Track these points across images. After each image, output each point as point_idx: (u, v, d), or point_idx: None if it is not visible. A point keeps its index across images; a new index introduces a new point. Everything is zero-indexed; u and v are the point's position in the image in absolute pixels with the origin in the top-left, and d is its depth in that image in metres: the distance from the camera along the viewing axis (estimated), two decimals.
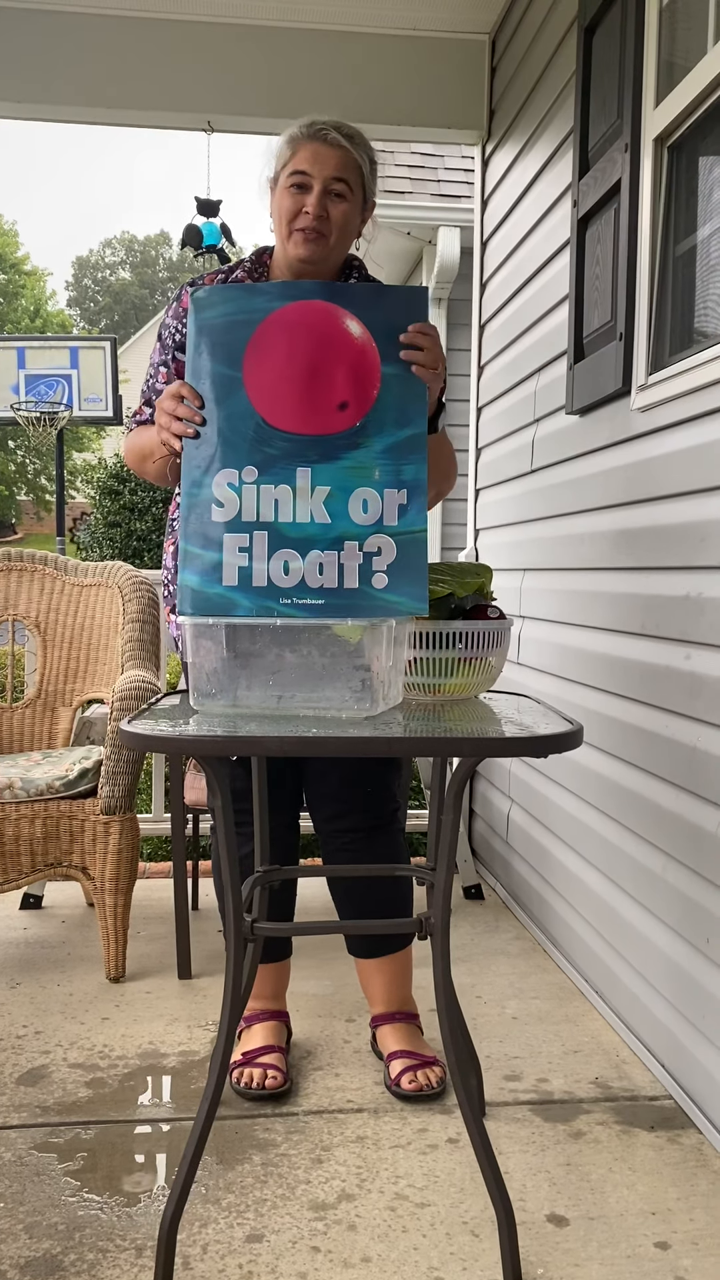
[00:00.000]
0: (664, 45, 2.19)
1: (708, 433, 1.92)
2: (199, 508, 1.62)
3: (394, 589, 1.59)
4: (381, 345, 1.65)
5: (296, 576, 1.59)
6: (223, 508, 1.62)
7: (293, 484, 1.61)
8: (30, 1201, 1.68)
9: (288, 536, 1.60)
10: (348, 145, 1.86)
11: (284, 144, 1.90)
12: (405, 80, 3.38)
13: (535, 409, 2.98)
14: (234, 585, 1.59)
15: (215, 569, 1.60)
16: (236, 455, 1.63)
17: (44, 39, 3.25)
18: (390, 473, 1.62)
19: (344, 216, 1.88)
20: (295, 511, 1.61)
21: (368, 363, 1.64)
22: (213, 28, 3.30)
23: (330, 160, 1.85)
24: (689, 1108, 1.95)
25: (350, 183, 1.87)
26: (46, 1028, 2.30)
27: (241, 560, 1.59)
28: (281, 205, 1.89)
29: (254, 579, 1.59)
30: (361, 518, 1.61)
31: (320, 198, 1.86)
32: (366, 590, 1.58)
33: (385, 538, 1.62)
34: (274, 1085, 1.98)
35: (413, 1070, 2.01)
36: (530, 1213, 1.66)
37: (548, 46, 2.89)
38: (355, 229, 1.95)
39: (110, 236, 66.44)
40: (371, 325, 1.66)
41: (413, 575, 1.60)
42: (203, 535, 1.61)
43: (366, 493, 1.62)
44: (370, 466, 1.62)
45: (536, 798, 2.93)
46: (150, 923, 2.97)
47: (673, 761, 2.04)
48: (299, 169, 1.86)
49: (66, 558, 3.14)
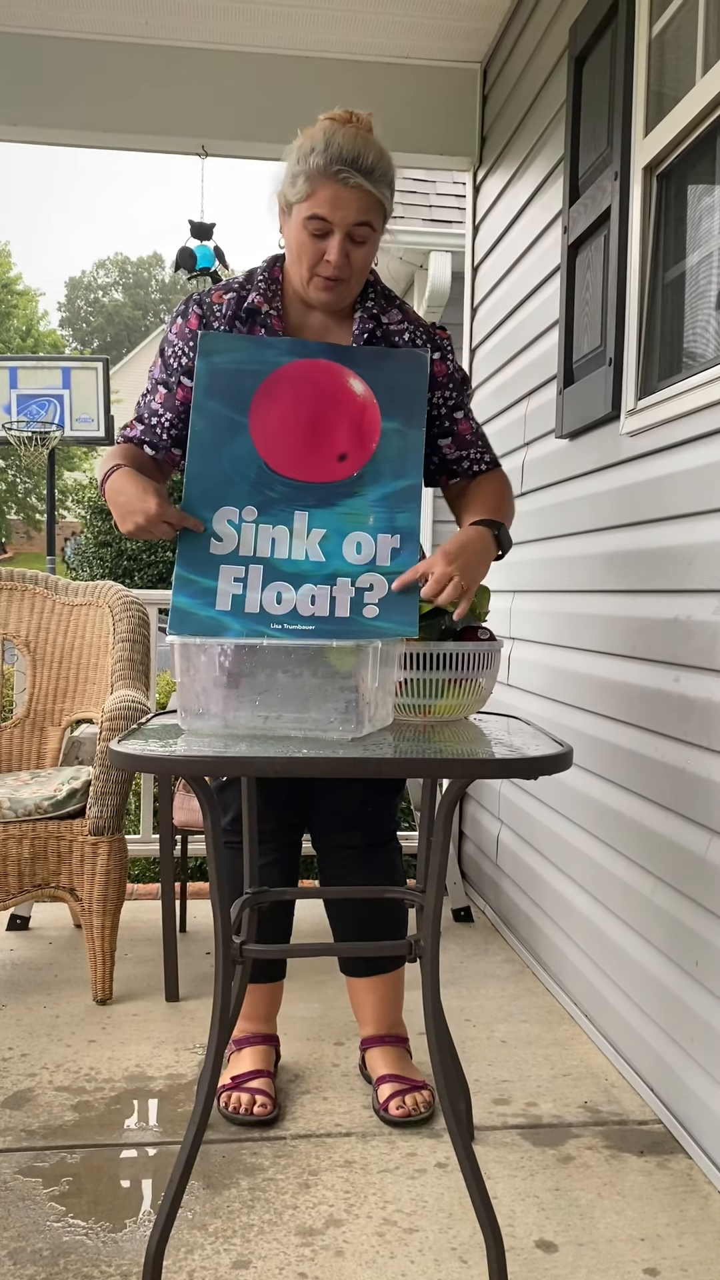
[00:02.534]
0: (653, 76, 2.22)
1: (697, 457, 1.94)
2: (198, 539, 1.67)
3: (384, 618, 1.63)
4: (383, 402, 1.72)
5: (289, 605, 1.63)
6: (221, 541, 1.67)
7: (290, 525, 1.67)
8: (15, 1227, 1.66)
9: (282, 571, 1.65)
10: (369, 186, 1.72)
11: (300, 177, 1.74)
12: (398, 107, 3.42)
13: (526, 432, 3.00)
14: (226, 610, 1.63)
15: (209, 594, 1.64)
16: (238, 494, 1.69)
17: (39, 63, 3.28)
18: (384, 519, 1.69)
19: (366, 257, 1.79)
20: (291, 549, 1.66)
21: (368, 418, 1.72)
22: (207, 53, 3.34)
23: (352, 205, 1.72)
24: (678, 1132, 1.94)
25: (373, 223, 1.77)
26: (32, 1050, 2.28)
27: (236, 589, 1.64)
28: (299, 243, 1.78)
29: (246, 606, 1.63)
30: (355, 558, 1.66)
31: (342, 245, 1.75)
32: (357, 619, 1.63)
33: (378, 575, 1.67)
34: (263, 1113, 1.96)
35: (401, 1095, 2.00)
36: (519, 1238, 1.65)
37: (539, 76, 2.93)
38: (371, 260, 1.84)
39: (103, 258, 66.67)
40: (374, 384, 1.73)
41: (403, 606, 1.64)
42: (199, 564, 1.66)
43: (360, 536, 1.67)
44: (365, 513, 1.68)
45: (526, 820, 2.92)
46: (138, 944, 2.95)
47: (662, 784, 2.04)
48: (318, 214, 1.73)
49: (57, 577, 3.14)
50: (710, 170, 2.02)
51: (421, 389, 1.76)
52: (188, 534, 1.68)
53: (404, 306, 1.95)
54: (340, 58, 3.39)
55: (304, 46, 3.34)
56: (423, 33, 3.32)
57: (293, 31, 3.28)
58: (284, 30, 3.28)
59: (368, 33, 3.29)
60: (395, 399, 1.73)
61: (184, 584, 1.65)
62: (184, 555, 1.66)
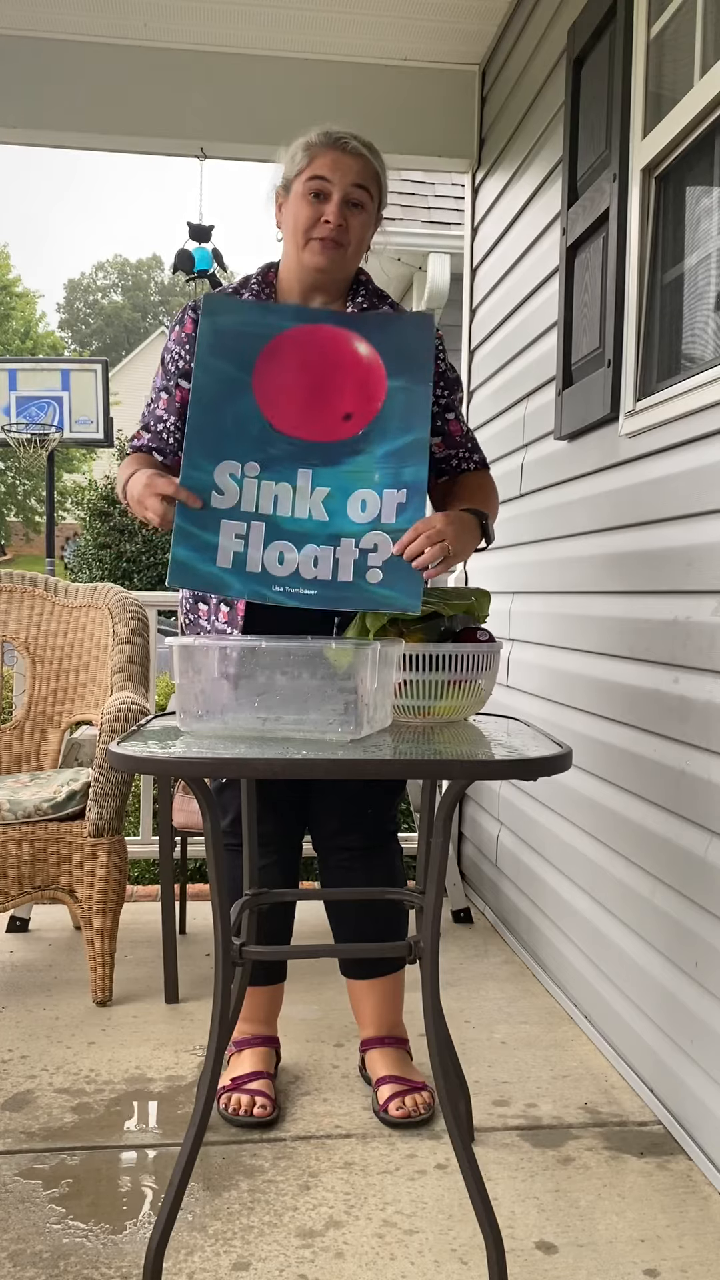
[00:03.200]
0: (651, 77, 2.23)
1: (695, 458, 1.94)
2: (199, 491, 1.65)
3: (388, 584, 1.62)
4: (389, 362, 1.70)
5: (291, 567, 1.61)
6: (223, 495, 1.65)
7: (293, 483, 1.65)
8: (15, 1229, 1.66)
9: (285, 529, 1.63)
10: (367, 154, 1.84)
11: (299, 150, 1.86)
12: (397, 109, 3.42)
13: (524, 434, 3.00)
14: (227, 568, 1.61)
15: (209, 549, 1.62)
16: (240, 449, 1.67)
17: (37, 65, 3.28)
18: (390, 474, 1.66)
19: (362, 227, 1.86)
20: (294, 508, 1.64)
21: (373, 378, 1.69)
22: (206, 55, 3.34)
23: (351, 168, 1.82)
24: (678, 1133, 1.94)
25: (370, 191, 1.85)
26: (32, 1052, 2.28)
27: (237, 546, 1.62)
28: (298, 213, 1.84)
29: (248, 565, 1.62)
30: (359, 516, 1.64)
31: (340, 206, 1.82)
32: (360, 584, 1.61)
33: (382, 534, 1.65)
34: (262, 1114, 1.96)
35: (400, 1096, 2.00)
36: (519, 1240, 1.65)
37: (537, 77, 2.93)
38: (368, 242, 1.93)
39: (102, 260, 66.73)
40: (379, 346, 1.72)
41: (408, 572, 1.63)
42: (199, 517, 1.63)
43: (366, 494, 1.65)
44: (370, 470, 1.66)
45: (525, 821, 2.92)
46: (138, 946, 2.95)
47: (661, 785, 2.04)
48: (319, 174, 1.82)
49: (56, 579, 3.14)
50: (709, 172, 2.02)
51: (429, 347, 1.75)
52: (189, 484, 1.66)
53: (396, 305, 1.98)
54: (339, 60, 3.39)
55: (303, 49, 3.35)
56: (421, 35, 3.32)
57: (292, 34, 3.29)
58: (283, 32, 3.28)
59: (367, 35, 3.30)
60: (401, 358, 1.71)
61: (184, 536, 1.63)
62: (183, 506, 1.65)
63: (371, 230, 1.92)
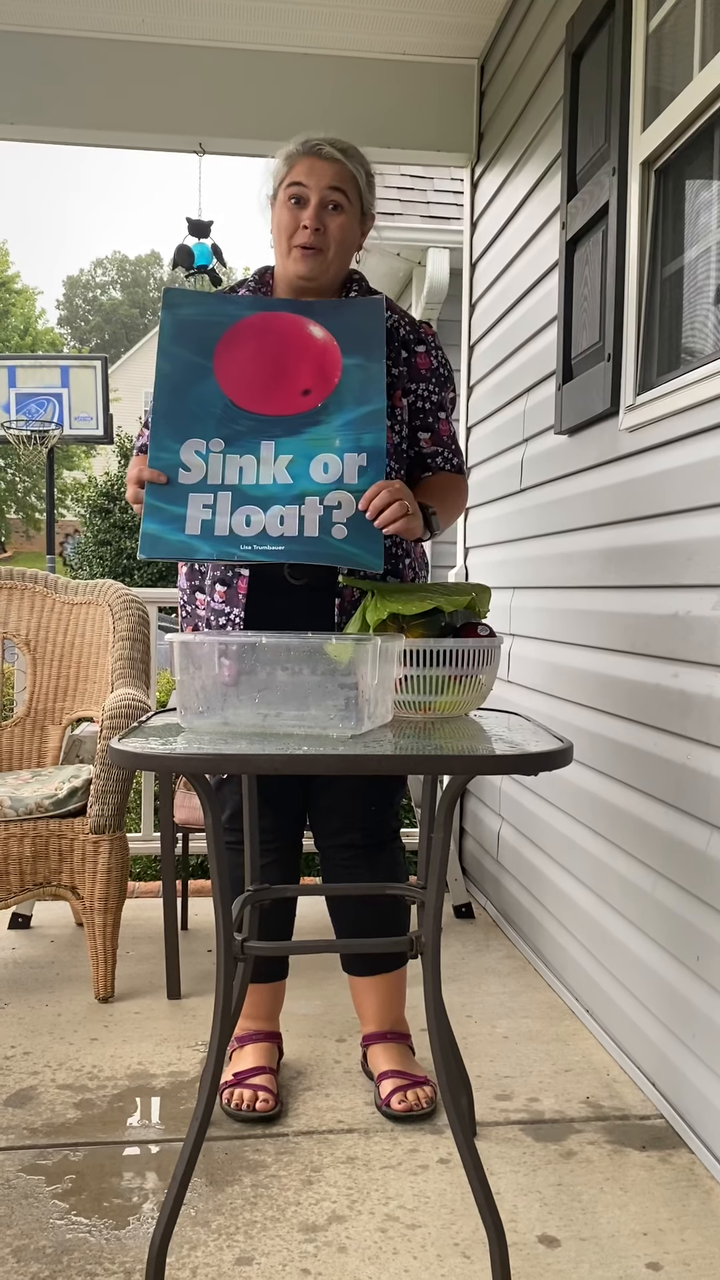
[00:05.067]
0: (650, 71, 2.22)
1: (695, 452, 1.94)
2: (166, 470, 1.72)
3: (352, 541, 1.68)
4: (343, 342, 1.77)
5: (258, 527, 1.68)
6: (189, 471, 1.71)
7: (257, 454, 1.72)
8: (18, 1224, 1.66)
9: (251, 495, 1.70)
10: (342, 158, 1.90)
11: (280, 161, 1.94)
12: (395, 103, 3.42)
13: (524, 429, 3.00)
14: (196, 534, 1.68)
15: (178, 520, 1.69)
16: (204, 428, 1.74)
17: (36, 61, 3.27)
18: (350, 440, 1.73)
19: (341, 229, 1.91)
20: (259, 475, 1.71)
21: (330, 357, 1.77)
22: (204, 51, 3.33)
23: (326, 173, 1.89)
24: (680, 1127, 1.94)
25: (347, 194, 1.90)
26: (35, 1048, 2.28)
27: (205, 514, 1.69)
28: (280, 220, 1.92)
29: (216, 530, 1.69)
30: (322, 477, 1.71)
31: (317, 211, 1.89)
32: (326, 539, 1.68)
33: (345, 493, 1.71)
34: (265, 1108, 1.97)
35: (403, 1090, 2.00)
36: (521, 1234, 1.65)
37: (536, 71, 2.92)
38: (355, 241, 1.97)
39: (101, 256, 66.68)
40: (333, 329, 1.78)
41: (371, 532, 1.70)
42: (167, 492, 1.70)
43: (327, 457, 1.72)
44: (331, 437, 1.73)
45: (527, 816, 2.93)
46: (139, 942, 2.95)
47: (662, 779, 2.04)
48: (296, 180, 1.90)
49: (56, 575, 3.14)
50: (708, 165, 2.02)
51: (379, 328, 1.81)
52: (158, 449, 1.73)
53: (389, 301, 2.01)
54: (338, 54, 3.38)
55: (301, 43, 3.34)
56: (420, 29, 3.31)
57: (290, 28, 3.28)
58: (281, 27, 3.27)
59: (365, 29, 3.29)
60: (355, 339, 1.78)
61: (153, 511, 1.70)
62: (152, 485, 1.71)
63: (358, 231, 1.97)
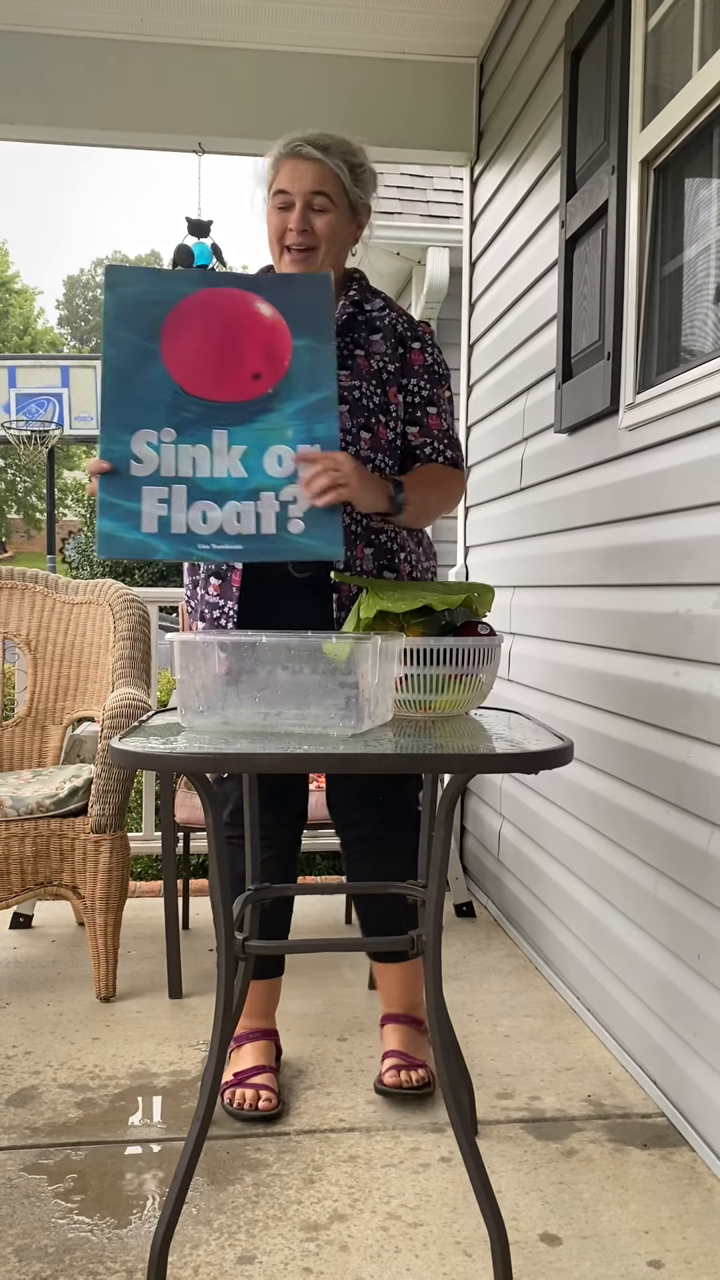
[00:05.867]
0: (650, 69, 2.22)
1: (695, 450, 1.94)
2: (117, 462, 1.70)
3: (310, 534, 1.69)
4: (291, 322, 1.75)
5: (215, 525, 1.68)
6: (141, 463, 1.70)
7: (210, 444, 1.71)
8: (20, 1224, 1.66)
9: (205, 489, 1.70)
10: (322, 157, 1.90)
11: (268, 165, 1.96)
12: (394, 102, 3.41)
13: (524, 427, 3.00)
14: (153, 532, 1.68)
15: (133, 517, 1.68)
16: (155, 417, 1.72)
17: (34, 61, 3.27)
18: (303, 431, 1.72)
19: (329, 228, 1.92)
20: (213, 468, 1.71)
21: (279, 338, 1.75)
22: (203, 50, 3.33)
23: (307, 175, 1.90)
24: (681, 1125, 1.94)
25: (330, 194, 1.91)
26: (36, 1048, 2.29)
27: (160, 510, 1.68)
28: (270, 224, 1.95)
29: (173, 527, 1.68)
30: (277, 471, 1.71)
31: (302, 213, 1.90)
32: (284, 535, 1.69)
33: (300, 487, 1.71)
34: (267, 1108, 1.97)
35: (397, 1069, 2.04)
36: (523, 1232, 1.66)
37: (535, 70, 2.92)
38: (347, 237, 1.98)
39: (101, 256, 66.63)
40: (281, 307, 1.76)
41: (328, 520, 1.70)
42: (120, 487, 1.69)
43: (280, 449, 1.72)
44: (283, 427, 1.72)
45: (527, 814, 2.93)
46: (141, 942, 2.95)
47: (663, 777, 2.04)
48: (280, 188, 1.92)
49: (57, 575, 3.14)
50: (707, 163, 2.02)
51: (326, 308, 1.78)
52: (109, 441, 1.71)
53: (389, 299, 2.03)
54: (337, 53, 3.38)
55: (300, 42, 3.34)
56: (419, 28, 3.31)
57: (289, 27, 3.28)
58: (280, 26, 3.27)
59: (364, 28, 3.29)
60: (303, 319, 1.76)
61: (108, 508, 1.69)
62: (105, 480, 1.70)
63: (349, 225, 1.97)
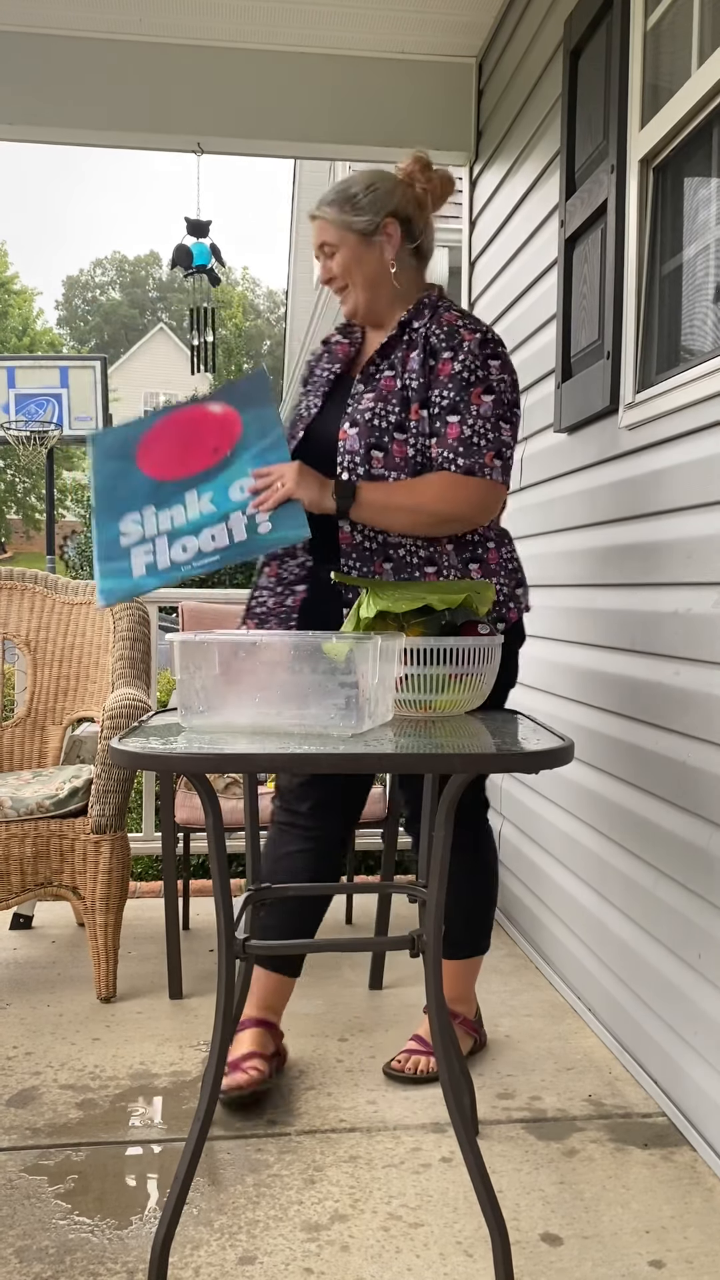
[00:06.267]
0: (649, 68, 2.22)
1: (695, 449, 1.94)
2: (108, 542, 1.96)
3: (279, 528, 1.89)
4: (239, 406, 2.02)
5: (193, 550, 1.91)
6: (128, 535, 1.96)
7: (184, 503, 1.96)
8: (20, 1225, 1.66)
9: (183, 531, 1.94)
10: (316, 213, 2.07)
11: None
12: (393, 102, 3.41)
13: (524, 427, 3.00)
14: (142, 574, 1.91)
15: (125, 571, 1.92)
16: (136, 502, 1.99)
17: (34, 61, 3.27)
18: (259, 464, 1.95)
19: (344, 265, 2.06)
20: (188, 516, 1.95)
21: (229, 420, 2.03)
22: (202, 50, 3.33)
23: (316, 234, 2.08)
24: (682, 1125, 1.94)
25: (330, 240, 2.05)
26: (37, 1049, 2.29)
27: (148, 559, 1.92)
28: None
29: (159, 566, 1.91)
30: (239, 496, 1.93)
31: (322, 265, 2.10)
32: (254, 536, 1.90)
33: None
34: (249, 1078, 1.97)
35: (409, 1053, 2.13)
36: (524, 1232, 1.66)
37: (534, 69, 2.92)
38: (373, 262, 2.05)
39: (100, 256, 66.62)
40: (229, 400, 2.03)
41: (290, 510, 1.89)
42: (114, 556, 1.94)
43: (242, 480, 1.95)
44: (244, 469, 1.97)
45: (528, 814, 2.93)
46: (141, 942, 2.95)
47: (663, 777, 2.04)
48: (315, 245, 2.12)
49: (57, 576, 3.14)
50: (706, 162, 2.02)
51: (264, 388, 2.05)
52: (100, 533, 1.96)
53: (440, 313, 2.02)
54: (336, 53, 3.38)
55: (300, 42, 3.34)
56: (418, 27, 3.31)
57: (288, 27, 3.28)
58: (279, 26, 3.27)
59: (363, 28, 3.29)
60: (246, 400, 2.02)
61: (106, 574, 1.93)
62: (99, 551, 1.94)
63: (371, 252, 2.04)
